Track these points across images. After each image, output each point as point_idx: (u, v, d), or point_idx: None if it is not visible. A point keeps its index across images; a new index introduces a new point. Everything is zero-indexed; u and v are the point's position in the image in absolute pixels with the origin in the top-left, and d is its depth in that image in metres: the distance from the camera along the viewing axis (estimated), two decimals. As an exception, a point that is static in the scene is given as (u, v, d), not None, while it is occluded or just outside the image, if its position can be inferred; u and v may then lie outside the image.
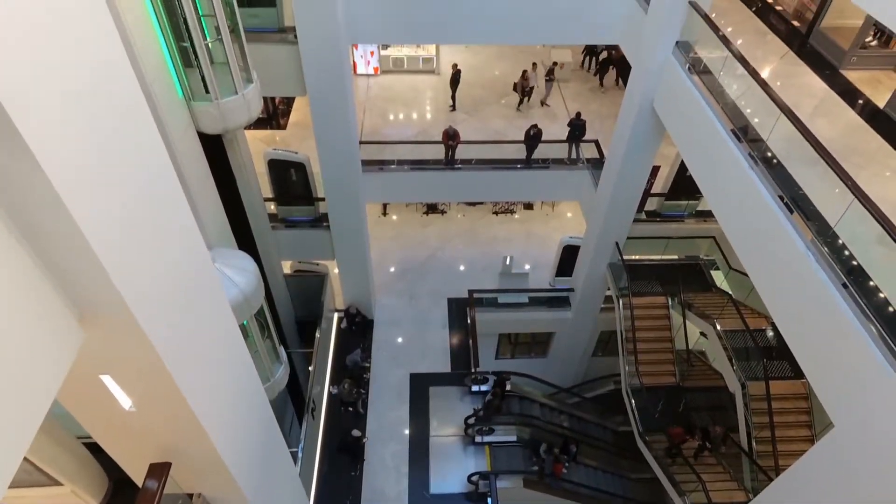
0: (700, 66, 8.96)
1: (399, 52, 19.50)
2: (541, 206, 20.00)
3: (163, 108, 7.01)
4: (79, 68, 2.72)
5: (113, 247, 2.94)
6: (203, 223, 7.92)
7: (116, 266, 2.94)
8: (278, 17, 10.44)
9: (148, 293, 3.33)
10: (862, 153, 8.25)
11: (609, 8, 11.17)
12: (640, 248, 14.25)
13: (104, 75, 2.94)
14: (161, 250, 3.59)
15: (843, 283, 5.90)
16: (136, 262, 3.22)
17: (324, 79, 10.69)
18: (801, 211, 6.63)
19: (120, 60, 3.07)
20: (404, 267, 18.03)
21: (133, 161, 3.24)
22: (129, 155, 3.19)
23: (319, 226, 13.86)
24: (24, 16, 2.31)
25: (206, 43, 7.53)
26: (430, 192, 15.90)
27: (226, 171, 9.49)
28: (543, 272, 17.29)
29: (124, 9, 6.11)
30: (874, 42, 10.57)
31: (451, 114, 17.96)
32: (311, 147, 12.23)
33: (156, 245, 3.51)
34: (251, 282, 7.90)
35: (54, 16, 2.52)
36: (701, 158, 9.04)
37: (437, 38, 16.01)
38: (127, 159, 3.17)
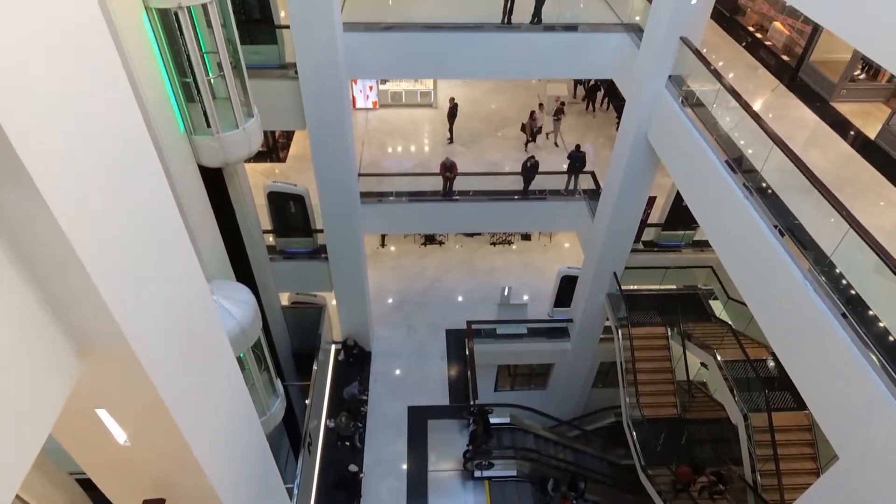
0: (693, 99, 9.14)
1: (397, 87, 19.86)
2: (538, 237, 20.09)
3: (164, 142, 7.10)
4: (84, 103, 2.77)
5: (113, 278, 2.94)
6: (202, 255, 7.93)
7: (116, 298, 2.94)
8: (279, 54, 10.68)
9: (147, 325, 3.31)
10: (855, 183, 8.36)
11: (603, 44, 11.48)
12: (638, 279, 14.26)
13: (108, 110, 2.99)
14: (161, 282, 3.59)
15: (843, 313, 5.91)
16: (135, 295, 3.21)
17: (323, 113, 10.87)
18: (798, 240, 6.68)
19: (124, 96, 3.13)
20: (402, 298, 17.97)
21: (135, 194, 3.27)
22: (131, 188, 3.22)
23: (318, 257, 13.88)
24: (31, 51, 2.37)
25: (209, 79, 7.68)
26: (428, 223, 15.98)
27: (225, 204, 9.56)
28: (542, 303, 17.24)
29: (128, 44, 6.25)
30: (862, 75, 10.83)
31: (448, 146, 18.18)
32: (311, 179, 12.34)
33: (155, 277, 3.51)
34: (248, 314, 7.86)
35: (60, 52, 2.58)
36: (696, 189, 9.14)
37: (434, 74, 16.37)
38: (129, 193, 3.20)
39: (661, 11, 9.31)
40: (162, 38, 7.09)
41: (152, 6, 6.80)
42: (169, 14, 6.98)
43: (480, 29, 11.47)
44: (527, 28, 11.62)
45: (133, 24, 6.51)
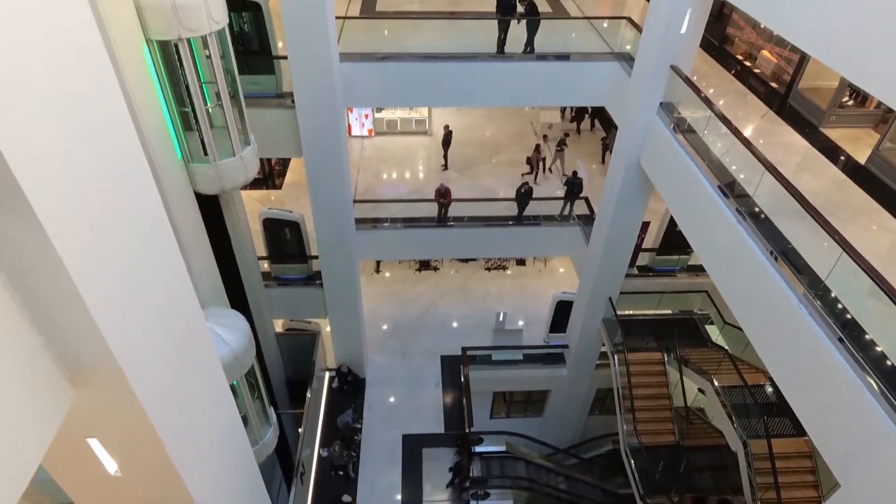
0: (684, 126, 9.29)
1: (393, 115, 20.10)
2: (533, 262, 20.11)
3: (161, 169, 7.13)
4: (83, 132, 2.78)
5: (108, 305, 2.91)
6: (197, 282, 7.87)
7: (111, 325, 2.91)
8: (277, 84, 10.82)
9: (141, 353, 3.27)
10: (847, 208, 8.45)
11: (595, 72, 11.71)
12: (633, 304, 14.26)
13: (107, 139, 3.01)
14: (155, 310, 3.56)
15: (839, 338, 5.90)
16: (130, 322, 3.18)
17: (319, 141, 10.97)
18: (792, 265, 6.71)
19: (123, 124, 3.15)
20: (397, 324, 17.86)
21: (131, 222, 3.26)
22: (127, 216, 3.22)
23: (312, 283, 13.83)
24: (33, 79, 2.39)
25: (207, 108, 7.76)
26: (423, 249, 16.00)
27: (221, 230, 9.55)
28: (537, 328, 17.17)
29: (128, 74, 6.32)
30: (850, 101, 11.05)
31: (443, 172, 18.32)
32: (306, 206, 12.37)
33: (150, 304, 3.48)
34: (242, 341, 7.79)
35: (62, 82, 2.60)
36: (689, 214, 9.22)
37: (429, 102, 16.61)
38: (125, 220, 3.19)
39: (652, 41, 9.52)
40: (161, 68, 7.18)
41: (153, 38, 6.91)
42: (169, 46, 7.09)
43: (475, 58, 11.68)
44: (520, 57, 11.84)
45: (133, 55, 6.60)
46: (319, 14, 9.43)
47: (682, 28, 9.08)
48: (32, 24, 2.38)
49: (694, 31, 9.26)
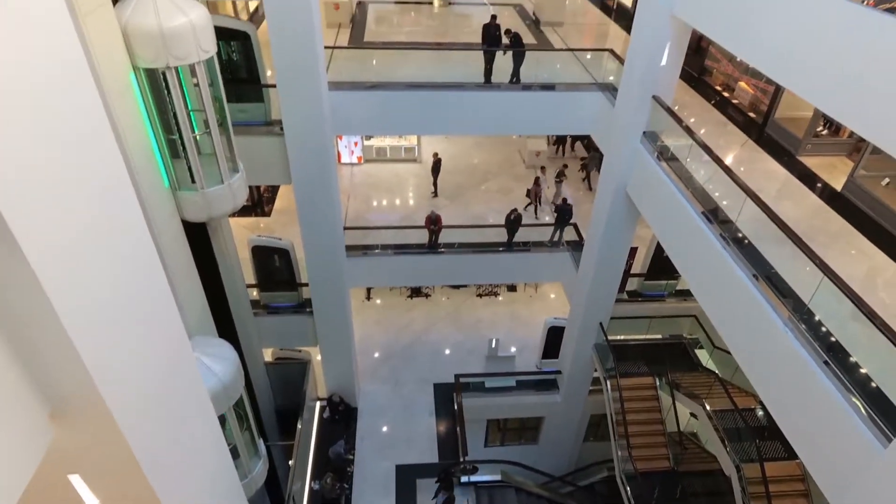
0: (668, 154, 9.48)
1: (382, 142, 20.31)
2: (524, 288, 20.15)
3: (148, 197, 7.13)
4: (68, 159, 2.80)
5: (92, 336, 2.89)
6: (184, 311, 7.82)
7: (93, 356, 2.88)
8: (266, 112, 10.92)
9: (126, 386, 3.23)
10: (826, 233, 8.61)
11: (579, 102, 11.96)
12: (624, 329, 14.29)
13: (92, 166, 3.03)
14: (141, 340, 3.53)
15: (825, 361, 5.95)
16: (114, 353, 3.15)
17: (309, 168, 11.04)
18: (776, 289, 6.80)
19: (110, 153, 3.18)
20: (389, 352, 17.73)
21: (117, 250, 3.26)
22: (113, 244, 3.22)
23: (302, 311, 13.74)
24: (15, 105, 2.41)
25: (195, 136, 7.80)
26: (414, 276, 16.00)
27: (209, 258, 9.51)
28: (530, 354, 17.11)
29: (115, 102, 6.37)
30: (825, 131, 11.36)
31: (433, 200, 18.46)
32: (296, 233, 12.38)
33: (136, 334, 3.46)
34: (230, 371, 7.69)
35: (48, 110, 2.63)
36: (675, 240, 9.34)
37: (418, 130, 16.83)
38: (111, 248, 3.19)
39: (634, 72, 9.78)
40: (148, 96, 7.21)
41: (140, 66, 6.97)
42: (156, 74, 7.15)
43: (462, 88, 11.91)
44: (506, 87, 12.09)
45: (120, 83, 6.65)
46: (308, 44, 9.60)
47: (662, 60, 9.34)
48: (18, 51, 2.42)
49: (673, 63, 9.53)
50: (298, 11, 9.24)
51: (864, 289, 5.86)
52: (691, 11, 8.48)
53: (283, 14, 9.24)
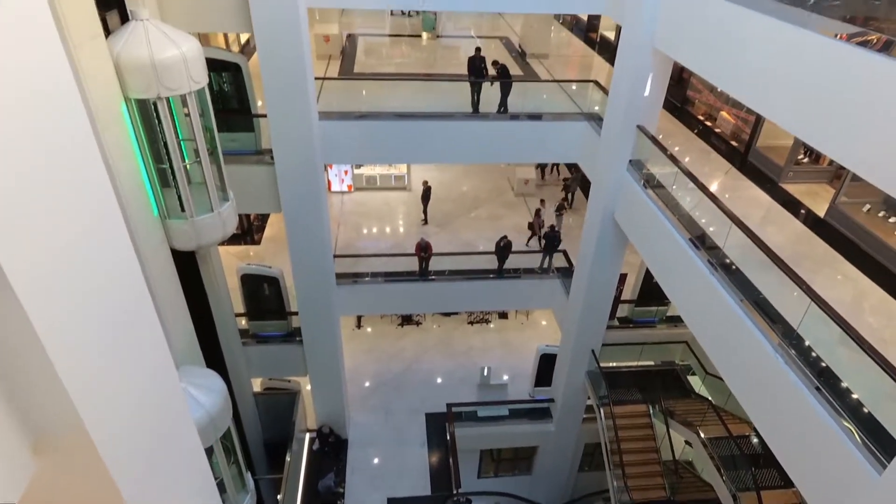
0: (654, 182, 9.63)
1: (372, 171, 20.46)
2: (515, 315, 20.11)
3: (137, 226, 7.09)
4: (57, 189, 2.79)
5: (78, 366, 2.84)
6: (172, 340, 7.70)
7: (79, 386, 2.82)
8: (256, 141, 11.00)
9: (111, 419, 3.16)
10: (812, 258, 8.73)
11: (566, 131, 12.19)
12: (616, 356, 14.25)
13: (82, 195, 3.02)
14: (128, 370, 3.47)
15: (816, 387, 5.96)
16: (100, 383, 3.09)
17: (299, 197, 11.07)
18: (765, 314, 6.84)
19: (100, 182, 3.18)
20: (379, 381, 17.51)
21: (104, 279, 3.23)
22: (101, 273, 3.19)
23: (292, 340, 13.58)
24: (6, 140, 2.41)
25: (185, 165, 7.82)
26: (405, 304, 15.93)
27: (197, 287, 9.43)
28: (522, 382, 16.97)
29: (105, 132, 6.39)
30: (806, 159, 11.62)
31: (423, 227, 18.51)
32: (285, 261, 12.33)
33: (122, 365, 3.40)
34: (218, 402, 7.56)
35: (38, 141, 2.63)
36: (664, 266, 9.41)
37: (407, 159, 16.99)
38: (98, 277, 3.16)
39: (618, 102, 10.00)
40: (139, 125, 7.25)
41: (132, 96, 7.02)
42: (147, 104, 7.20)
43: (450, 118, 12.09)
44: (494, 117, 12.29)
45: (111, 113, 6.69)
46: (298, 75, 9.74)
47: (645, 91, 9.57)
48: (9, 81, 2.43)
49: (656, 93, 9.76)
50: (289, 44, 9.39)
51: (852, 313, 5.91)
52: (671, 44, 8.73)
53: (273, 46, 9.40)
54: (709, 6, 7.60)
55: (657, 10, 8.72)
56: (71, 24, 5.74)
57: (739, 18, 7.01)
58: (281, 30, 9.21)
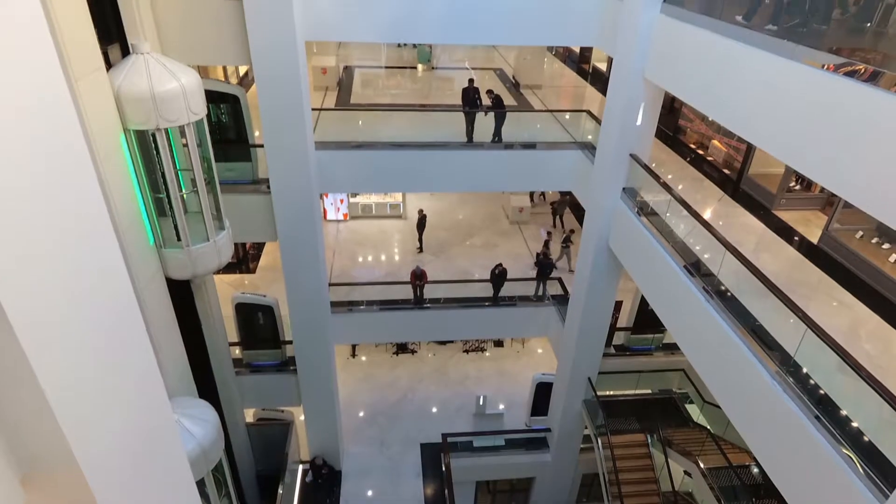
0: (647, 209, 9.72)
1: (368, 200, 20.57)
2: (511, 343, 20.00)
3: (133, 256, 7.08)
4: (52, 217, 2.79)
5: (70, 397, 2.79)
6: (165, 370, 7.61)
7: (70, 419, 2.77)
8: (253, 170, 11.07)
9: (101, 450, 3.10)
10: (806, 285, 8.77)
11: (559, 160, 12.35)
12: (612, 384, 14.14)
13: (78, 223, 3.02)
14: (121, 403, 3.41)
15: (816, 416, 5.92)
16: (92, 416, 3.04)
17: (295, 226, 11.10)
18: (762, 341, 6.83)
19: (97, 212, 3.18)
20: (374, 411, 17.27)
21: (98, 308, 3.21)
22: (95, 302, 3.17)
23: (286, 370, 13.43)
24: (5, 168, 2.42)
25: (182, 194, 7.86)
26: (400, 332, 15.84)
27: (191, 316, 9.36)
28: (518, 411, 16.78)
29: (104, 162, 6.42)
30: (797, 186, 11.78)
31: (418, 255, 18.54)
32: (280, 290, 12.28)
33: (116, 396, 3.35)
34: (210, 433, 7.42)
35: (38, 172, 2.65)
36: (659, 293, 9.42)
37: (403, 188, 17.12)
38: (92, 306, 3.14)
39: (610, 131, 10.17)
40: (137, 155, 7.31)
41: (131, 128, 7.09)
42: (146, 135, 7.27)
43: (445, 147, 12.24)
44: (489, 146, 12.44)
45: (110, 144, 6.74)
46: (296, 106, 9.86)
47: (637, 120, 9.74)
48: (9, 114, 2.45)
49: (648, 122, 9.94)
50: (287, 76, 9.55)
51: (849, 340, 5.91)
52: (662, 74, 8.93)
53: (271, 78, 9.54)
54: (697, 38, 7.81)
55: (647, 42, 8.95)
56: (72, 57, 5.84)
57: (727, 50, 7.19)
58: (279, 62, 9.37)
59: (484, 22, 10.37)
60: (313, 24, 9.74)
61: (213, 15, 9.09)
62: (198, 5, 9.03)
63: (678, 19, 8.28)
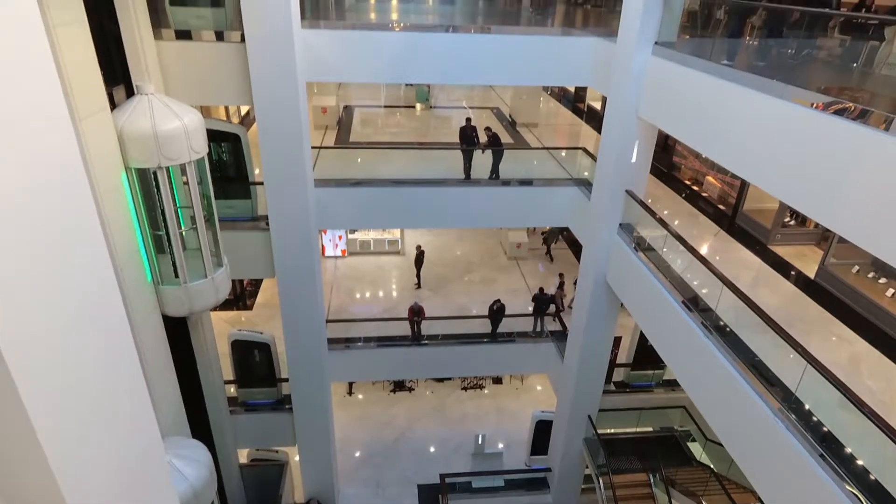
0: (644, 245, 9.78)
1: (366, 236, 20.65)
2: (510, 380, 19.75)
3: (130, 293, 7.06)
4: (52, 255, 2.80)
5: (61, 438, 2.74)
6: (158, 409, 7.48)
7: (60, 460, 2.71)
8: (252, 208, 11.14)
9: (90, 491, 3.02)
10: (805, 320, 8.75)
11: (556, 196, 12.48)
12: (613, 422, 13.91)
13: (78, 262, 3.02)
14: (112, 443, 3.35)
15: (821, 454, 5.82)
16: (81, 456, 2.98)
17: (293, 262, 11.11)
18: (762, 377, 6.77)
19: (97, 252, 3.19)
20: (371, 450, 16.90)
21: (95, 347, 3.18)
22: (92, 342, 3.15)
23: (281, 409, 13.20)
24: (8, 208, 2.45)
25: (181, 231, 7.89)
26: (398, 369, 15.65)
27: (187, 353, 9.28)
28: (518, 450, 16.44)
29: (104, 199, 6.47)
30: (792, 221, 11.89)
31: (416, 291, 18.49)
32: (277, 327, 12.19)
33: (107, 437, 3.28)
34: (203, 475, 7.25)
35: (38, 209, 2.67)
36: (658, 329, 9.38)
37: (401, 224, 17.20)
38: (89, 346, 3.12)
39: (606, 168, 10.31)
40: (138, 193, 7.37)
41: (132, 166, 7.17)
42: (147, 173, 7.35)
43: (443, 184, 12.37)
44: (486, 183, 12.59)
45: (112, 182, 6.81)
46: (296, 145, 10.01)
47: (632, 157, 9.91)
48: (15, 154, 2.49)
49: (643, 159, 10.10)
50: (288, 116, 9.72)
51: (850, 376, 5.87)
52: (655, 113, 9.12)
53: (273, 118, 9.71)
54: (687, 78, 8.01)
55: (640, 82, 9.17)
56: (78, 98, 5.96)
57: (716, 89, 7.38)
58: (280, 103, 9.56)
59: (480, 63, 10.65)
60: (314, 66, 9.99)
61: (216, 57, 9.33)
62: (202, 48, 9.28)
63: (669, 60, 8.52)
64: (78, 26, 6.10)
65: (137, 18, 7.82)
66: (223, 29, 9.40)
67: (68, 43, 5.88)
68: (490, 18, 16.96)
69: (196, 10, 9.50)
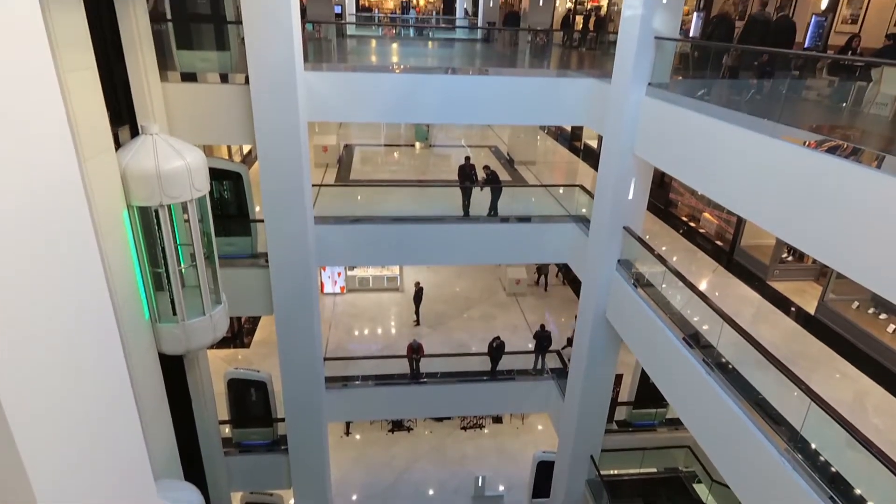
0: (643, 281, 9.78)
1: (365, 273, 20.66)
2: (510, 419, 19.42)
3: (127, 331, 7.00)
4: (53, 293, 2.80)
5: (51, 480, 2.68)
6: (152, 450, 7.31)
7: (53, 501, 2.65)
8: (252, 245, 11.18)
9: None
10: (807, 357, 8.68)
11: (555, 233, 12.56)
12: (616, 462, 13.60)
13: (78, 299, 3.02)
14: (104, 485, 3.27)
15: (830, 497, 5.68)
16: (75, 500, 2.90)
17: (291, 299, 11.07)
18: (767, 415, 6.67)
19: (97, 291, 3.20)
20: (368, 493, 16.46)
21: (90, 387, 3.15)
22: (88, 381, 3.12)
23: (276, 450, 12.92)
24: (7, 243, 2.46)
25: (180, 269, 7.90)
26: (396, 408, 15.40)
27: (182, 392, 9.15)
28: (519, 492, 16.02)
29: (105, 237, 6.49)
30: (790, 257, 11.93)
31: (415, 328, 18.38)
32: (274, 365, 12.05)
33: (100, 479, 3.21)
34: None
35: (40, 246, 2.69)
36: (659, 366, 9.29)
37: (400, 261, 17.24)
38: (85, 384, 3.08)
39: (603, 205, 10.41)
40: (139, 231, 7.41)
41: (134, 204, 7.23)
42: (148, 210, 7.41)
43: (442, 221, 12.46)
44: (485, 220, 12.69)
45: (113, 220, 6.85)
46: (297, 183, 10.13)
47: (629, 194, 10.02)
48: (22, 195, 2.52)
49: (640, 196, 10.21)
50: (289, 155, 9.87)
51: (855, 413, 5.79)
52: (650, 151, 9.28)
53: (274, 157, 9.86)
54: (681, 117, 8.18)
55: (635, 121, 9.36)
56: (84, 139, 6.06)
57: (709, 128, 7.52)
58: (282, 142, 9.72)
59: (479, 103, 10.89)
60: (316, 107, 10.20)
61: (220, 98, 9.53)
62: (207, 90, 9.50)
63: (662, 100, 8.72)
64: (88, 71, 6.26)
65: (145, 62, 8.03)
66: (228, 71, 9.64)
67: (78, 87, 6.02)
68: (488, 61, 17.44)
69: (202, 53, 9.77)
